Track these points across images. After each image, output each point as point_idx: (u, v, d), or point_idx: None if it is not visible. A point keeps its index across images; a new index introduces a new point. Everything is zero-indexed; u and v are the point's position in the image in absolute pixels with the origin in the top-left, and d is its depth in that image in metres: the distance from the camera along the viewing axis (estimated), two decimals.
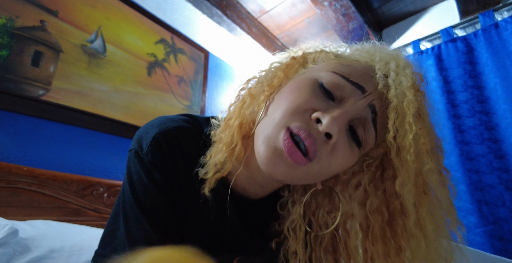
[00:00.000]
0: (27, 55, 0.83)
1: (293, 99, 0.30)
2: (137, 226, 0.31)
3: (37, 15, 0.87)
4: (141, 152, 0.33)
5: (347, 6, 1.38)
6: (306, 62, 0.36)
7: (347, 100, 0.30)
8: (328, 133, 0.28)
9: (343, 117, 0.28)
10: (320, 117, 0.28)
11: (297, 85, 0.31)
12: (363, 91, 0.30)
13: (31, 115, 0.83)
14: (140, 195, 0.32)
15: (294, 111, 0.29)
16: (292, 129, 0.28)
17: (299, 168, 0.28)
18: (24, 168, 0.74)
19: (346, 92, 0.30)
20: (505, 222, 1.07)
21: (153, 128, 0.34)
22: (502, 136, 1.15)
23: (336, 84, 0.30)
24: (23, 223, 0.62)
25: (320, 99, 0.29)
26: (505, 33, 1.19)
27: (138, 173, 0.32)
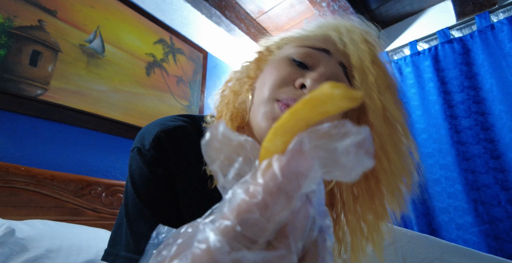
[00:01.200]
0: (25, 55, 0.83)
1: (274, 77, 0.33)
2: (139, 220, 0.32)
3: (35, 15, 0.87)
4: (143, 149, 0.34)
5: (345, 7, 1.39)
6: (272, 51, 0.40)
7: (320, 64, 0.34)
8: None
9: (321, 76, 0.32)
10: (303, 82, 0.31)
11: (273, 66, 0.35)
12: (329, 53, 0.35)
13: (29, 115, 0.83)
14: (142, 189, 0.33)
15: (279, 85, 0.33)
16: (282, 100, 0.31)
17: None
18: (22, 168, 0.74)
19: (316, 58, 0.34)
20: (501, 222, 1.08)
21: (154, 127, 0.36)
22: (497, 136, 1.17)
23: (305, 54, 0.34)
24: (21, 222, 0.62)
25: (297, 71, 0.34)
26: (501, 35, 1.20)
27: (141, 168, 0.34)
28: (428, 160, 1.30)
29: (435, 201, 1.24)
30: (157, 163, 0.34)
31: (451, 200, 1.19)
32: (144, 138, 0.35)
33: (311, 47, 0.35)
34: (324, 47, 0.35)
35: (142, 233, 0.31)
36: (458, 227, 1.15)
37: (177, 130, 0.36)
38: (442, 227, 1.19)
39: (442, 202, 1.22)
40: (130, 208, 0.33)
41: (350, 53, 0.33)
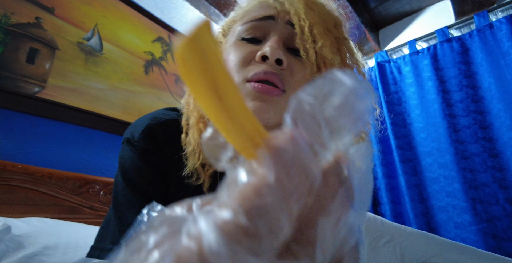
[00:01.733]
0: (22, 52, 0.83)
1: (233, 62, 0.33)
2: (129, 210, 0.31)
3: (33, 12, 0.86)
4: (133, 140, 0.34)
5: (344, 5, 1.39)
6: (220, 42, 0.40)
7: (270, 32, 0.34)
8: (277, 59, 0.31)
9: (277, 41, 0.32)
10: (263, 53, 0.31)
11: (228, 52, 0.35)
12: (273, 18, 0.34)
13: (26, 113, 0.83)
14: (132, 178, 0.33)
15: (241, 67, 0.32)
16: (252, 79, 0.31)
17: (281, 100, 0.31)
18: (19, 165, 0.74)
19: (263, 28, 0.34)
20: (499, 220, 1.08)
21: (146, 120, 0.36)
22: (496, 135, 1.17)
23: (251, 29, 0.34)
24: (17, 220, 0.62)
25: (252, 47, 0.33)
26: (500, 34, 1.20)
27: (132, 158, 0.33)
28: (427, 158, 1.30)
29: (433, 200, 1.24)
30: (148, 153, 0.33)
31: (449, 198, 1.19)
32: (135, 130, 0.35)
33: (254, 19, 0.34)
34: (265, 14, 0.34)
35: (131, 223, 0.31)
36: (457, 225, 1.15)
37: (167, 123, 0.36)
38: (441, 226, 1.20)
39: (440, 201, 1.22)
40: (120, 199, 0.32)
41: (288, 9, 0.34)
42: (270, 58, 0.31)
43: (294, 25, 0.33)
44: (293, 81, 0.32)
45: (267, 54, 0.31)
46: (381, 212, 1.38)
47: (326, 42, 0.33)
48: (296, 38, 0.33)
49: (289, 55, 0.33)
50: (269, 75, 0.30)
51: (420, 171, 1.32)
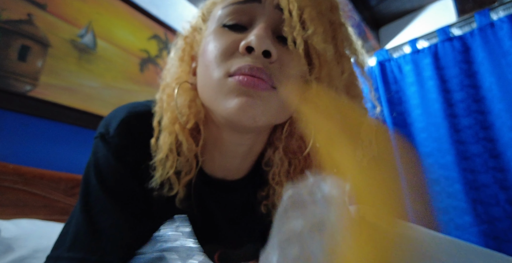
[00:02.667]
0: (13, 50, 0.80)
1: (213, 52, 0.28)
2: (102, 214, 0.28)
3: (24, 8, 0.84)
4: (107, 135, 0.30)
5: (343, 3, 1.37)
6: (200, 29, 0.35)
7: (256, 17, 0.29)
8: (265, 51, 0.26)
9: (264, 29, 0.27)
10: (248, 44, 0.26)
11: (207, 41, 0.30)
12: (259, 1, 0.29)
13: (17, 112, 0.81)
14: (107, 179, 0.29)
15: (223, 58, 0.27)
16: (235, 74, 0.26)
17: (271, 96, 0.27)
18: (10, 166, 0.72)
19: (248, 12, 0.29)
20: (499, 221, 1.07)
21: (122, 111, 0.32)
22: (497, 135, 1.15)
23: (233, 13, 0.29)
24: (7, 222, 0.60)
25: (236, 35, 0.28)
26: (501, 33, 1.19)
27: (106, 157, 0.29)
28: (428, 159, 1.29)
29: (434, 201, 1.23)
30: (124, 150, 0.30)
31: (450, 199, 1.18)
32: (110, 122, 0.31)
33: (236, 2, 0.29)
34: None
35: (104, 229, 0.27)
36: (457, 227, 1.14)
37: (147, 115, 0.31)
38: (441, 227, 1.18)
39: (441, 202, 1.21)
40: (92, 201, 0.28)
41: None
42: (256, 50, 0.26)
43: (281, 8, 0.28)
44: (284, 76, 0.27)
45: (252, 44, 0.26)
46: None
47: (318, 29, 0.27)
48: (284, 25, 0.28)
49: (279, 45, 0.28)
50: (254, 71, 0.26)
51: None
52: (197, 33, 0.34)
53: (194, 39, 0.34)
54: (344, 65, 0.30)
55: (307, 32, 0.27)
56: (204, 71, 0.29)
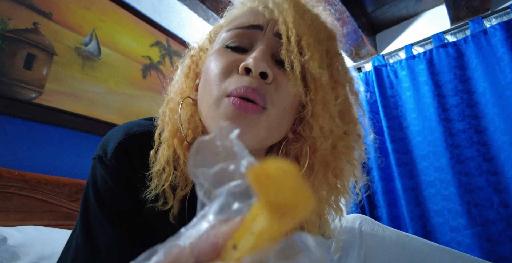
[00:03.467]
0: (19, 58, 0.82)
1: (214, 72, 0.30)
2: (101, 232, 0.29)
3: (30, 17, 0.86)
4: (105, 157, 0.31)
5: (341, 10, 1.40)
6: (206, 49, 0.37)
7: (257, 41, 0.31)
8: (262, 73, 0.28)
9: (263, 52, 0.29)
10: (246, 65, 0.28)
11: (210, 60, 0.32)
12: (261, 28, 0.31)
13: (23, 118, 0.82)
14: (105, 199, 0.30)
15: (222, 78, 0.29)
16: (231, 94, 0.28)
17: (260, 118, 0.28)
18: (15, 172, 0.73)
19: (249, 37, 0.31)
20: (493, 223, 1.10)
21: (119, 133, 0.33)
22: (490, 139, 1.19)
23: (236, 36, 0.31)
24: (12, 229, 0.61)
25: (236, 56, 0.30)
26: (494, 40, 1.22)
27: (103, 178, 0.31)
28: (423, 162, 1.31)
29: (429, 203, 1.26)
30: (120, 172, 0.31)
31: (445, 202, 1.21)
32: (107, 144, 0.32)
33: (240, 27, 0.32)
34: (252, 23, 0.31)
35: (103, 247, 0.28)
36: (452, 229, 1.16)
37: (143, 137, 0.33)
38: (436, 229, 1.21)
39: (436, 204, 1.23)
40: (91, 219, 0.30)
41: (277, 18, 0.31)
42: (253, 71, 0.28)
43: (280, 36, 0.30)
44: (278, 97, 0.29)
45: (250, 66, 0.28)
46: (377, 215, 1.39)
47: (315, 55, 0.29)
48: (282, 49, 0.29)
49: (276, 68, 0.30)
50: (249, 92, 0.27)
51: (416, 174, 1.33)
52: (203, 53, 0.37)
53: (200, 58, 0.37)
54: (338, 91, 0.32)
55: (304, 57, 0.29)
56: (204, 87, 0.31)
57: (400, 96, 1.47)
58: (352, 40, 1.60)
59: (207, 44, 0.37)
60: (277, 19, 0.31)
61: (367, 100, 1.55)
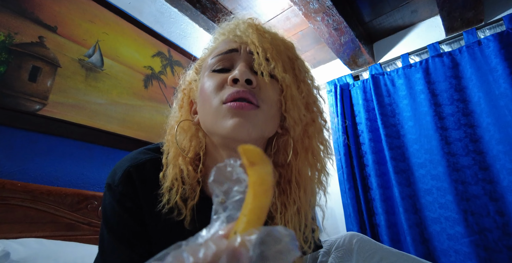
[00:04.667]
0: (24, 71, 0.84)
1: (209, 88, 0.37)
2: (111, 255, 0.33)
3: (36, 31, 0.88)
4: (113, 184, 0.36)
5: (339, 21, 1.43)
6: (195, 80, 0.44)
7: (236, 61, 0.39)
8: (247, 80, 0.35)
9: (244, 66, 0.37)
10: (233, 76, 0.35)
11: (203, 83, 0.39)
12: (236, 50, 0.39)
13: (27, 130, 0.84)
14: (113, 223, 0.35)
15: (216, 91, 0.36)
16: (227, 100, 0.34)
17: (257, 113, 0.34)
18: (18, 184, 0.74)
19: (230, 59, 0.39)
20: (490, 232, 1.11)
21: (125, 162, 0.38)
22: (486, 148, 1.20)
23: (219, 61, 0.39)
24: (15, 242, 0.62)
25: (223, 75, 0.38)
26: (487, 50, 1.25)
27: (111, 204, 0.35)
28: (420, 170, 1.33)
29: (426, 211, 1.27)
30: (125, 197, 0.35)
31: (442, 210, 1.22)
32: (115, 173, 0.37)
33: (221, 53, 0.39)
34: (229, 48, 0.39)
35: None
36: (449, 237, 1.17)
37: (146, 164, 0.38)
38: (434, 237, 1.22)
39: (433, 212, 1.24)
40: (106, 243, 0.34)
41: (245, 40, 0.39)
42: (240, 80, 0.34)
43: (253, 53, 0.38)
44: (264, 96, 0.36)
45: (237, 76, 0.34)
46: (375, 222, 1.40)
47: (278, 64, 0.37)
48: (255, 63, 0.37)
49: (257, 77, 0.37)
50: (241, 93, 0.34)
51: (413, 182, 1.35)
52: (193, 83, 0.44)
53: (190, 89, 0.44)
54: (302, 88, 0.40)
55: (270, 66, 0.37)
56: (203, 104, 0.37)
57: (397, 104, 1.50)
58: (349, 49, 1.63)
59: (195, 76, 0.44)
60: (246, 41, 0.39)
61: (365, 108, 1.57)
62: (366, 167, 1.50)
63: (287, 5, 1.46)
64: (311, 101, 0.41)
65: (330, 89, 1.73)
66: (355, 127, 1.60)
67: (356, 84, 1.66)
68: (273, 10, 1.50)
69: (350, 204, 1.44)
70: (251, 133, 0.33)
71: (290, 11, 1.51)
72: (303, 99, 0.40)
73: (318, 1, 1.31)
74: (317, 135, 0.41)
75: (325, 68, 1.92)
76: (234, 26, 0.42)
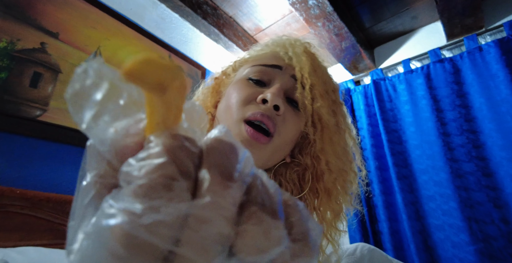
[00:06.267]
0: (26, 77, 0.84)
1: (237, 98, 0.36)
2: None
3: (38, 38, 0.89)
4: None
5: (339, 26, 1.44)
6: (229, 74, 0.44)
7: (275, 79, 0.38)
8: (275, 105, 0.34)
9: (279, 89, 0.35)
10: (264, 97, 0.34)
11: (233, 89, 0.37)
12: (280, 68, 0.38)
13: (27, 136, 0.84)
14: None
15: (243, 104, 0.35)
16: (249, 118, 0.33)
17: (267, 146, 0.34)
18: (17, 191, 0.74)
19: (270, 74, 0.38)
20: (494, 240, 1.09)
21: None
22: (489, 154, 1.19)
23: (259, 72, 0.38)
24: (13, 250, 0.61)
25: (256, 88, 0.37)
26: (488, 57, 1.25)
27: None
28: (423, 176, 1.32)
29: (430, 218, 1.25)
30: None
31: (445, 217, 1.20)
32: None
33: (264, 65, 0.38)
34: (274, 63, 0.38)
35: None
36: (454, 245, 1.15)
37: None
38: (438, 245, 1.20)
39: (437, 219, 1.23)
40: None
41: (294, 65, 0.38)
42: (269, 103, 0.34)
43: (296, 78, 0.37)
44: (284, 128, 0.35)
45: (267, 98, 0.34)
46: (378, 229, 1.38)
47: (325, 103, 0.36)
48: (296, 92, 0.36)
49: (286, 104, 0.36)
50: (264, 117, 0.33)
51: (416, 188, 1.33)
52: (226, 77, 0.43)
53: (222, 80, 0.44)
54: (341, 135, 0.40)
55: (316, 104, 0.36)
56: (226, 110, 0.37)
57: (398, 109, 1.49)
58: (350, 55, 1.64)
59: (231, 71, 0.44)
60: (294, 66, 0.38)
61: (366, 113, 1.57)
62: (368, 173, 1.48)
63: (288, 11, 1.47)
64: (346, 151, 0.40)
65: None
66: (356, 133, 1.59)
67: (357, 89, 1.66)
68: (274, 16, 1.51)
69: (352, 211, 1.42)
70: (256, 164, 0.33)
71: (291, 17, 1.52)
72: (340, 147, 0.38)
73: (319, 7, 1.31)
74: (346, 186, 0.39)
75: None
76: (289, 44, 0.41)
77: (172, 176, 0.09)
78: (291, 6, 1.31)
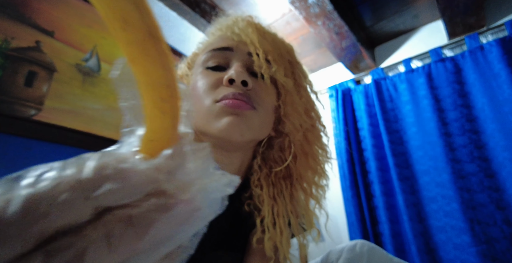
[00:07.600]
0: (20, 76, 0.83)
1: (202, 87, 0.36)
2: None
3: (33, 36, 0.87)
4: None
5: (340, 25, 1.42)
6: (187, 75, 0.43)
7: (232, 60, 0.37)
8: (243, 81, 0.34)
9: (241, 66, 0.36)
10: (230, 77, 0.34)
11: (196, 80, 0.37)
12: (231, 49, 0.38)
13: (21, 136, 0.82)
14: None
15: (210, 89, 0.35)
16: (221, 100, 0.33)
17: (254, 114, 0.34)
18: None
19: (225, 57, 0.38)
20: (497, 242, 1.07)
21: None
22: (491, 155, 1.18)
23: (213, 57, 0.38)
24: None
25: (218, 74, 0.36)
26: (490, 56, 1.24)
27: None
28: (424, 177, 1.30)
29: (432, 219, 1.23)
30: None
31: (448, 218, 1.19)
32: None
33: (216, 49, 0.38)
34: (225, 45, 0.38)
35: None
36: (456, 246, 1.14)
37: None
38: (440, 247, 1.18)
39: (439, 221, 1.21)
40: None
41: (244, 40, 0.38)
42: (236, 80, 0.34)
43: (251, 54, 0.37)
44: (260, 100, 0.35)
45: (233, 77, 0.34)
46: (379, 231, 1.37)
47: (279, 67, 0.37)
48: (254, 64, 0.37)
49: (253, 79, 0.37)
50: (237, 95, 0.33)
51: (417, 190, 1.31)
52: (185, 79, 0.43)
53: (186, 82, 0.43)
54: (302, 93, 0.40)
55: (271, 69, 0.36)
56: (196, 103, 0.36)
57: (399, 109, 1.47)
58: (351, 54, 1.62)
59: (187, 71, 0.43)
60: (245, 40, 0.38)
61: (367, 113, 1.55)
62: (369, 174, 1.47)
63: (288, 10, 1.45)
64: (310, 107, 0.41)
65: (331, 94, 1.71)
66: (357, 133, 1.57)
67: (358, 89, 1.65)
68: (273, 14, 1.49)
69: (353, 212, 1.40)
70: (245, 134, 0.32)
71: (291, 16, 1.50)
72: (303, 105, 0.40)
73: (319, 5, 1.30)
74: (316, 140, 0.41)
75: (326, 73, 1.91)
76: (232, 23, 0.41)
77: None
78: (291, 4, 1.30)
